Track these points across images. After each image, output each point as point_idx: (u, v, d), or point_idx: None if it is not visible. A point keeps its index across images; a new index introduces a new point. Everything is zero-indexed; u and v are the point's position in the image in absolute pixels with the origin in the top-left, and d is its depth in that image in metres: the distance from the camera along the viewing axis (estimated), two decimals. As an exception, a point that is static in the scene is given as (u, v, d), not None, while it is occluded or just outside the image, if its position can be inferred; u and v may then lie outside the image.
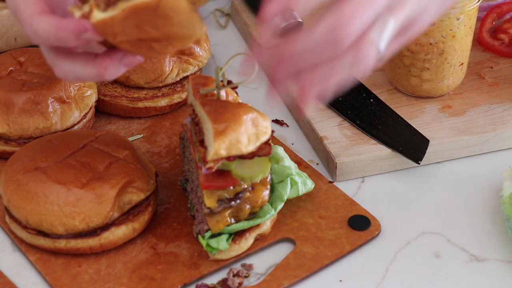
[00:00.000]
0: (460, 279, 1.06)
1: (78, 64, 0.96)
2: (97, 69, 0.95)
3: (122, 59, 0.95)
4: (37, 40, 0.96)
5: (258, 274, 1.06)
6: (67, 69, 0.97)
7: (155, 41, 0.91)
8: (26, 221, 1.06)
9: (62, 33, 0.92)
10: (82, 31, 0.91)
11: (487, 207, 1.15)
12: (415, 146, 1.20)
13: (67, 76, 0.98)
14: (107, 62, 0.95)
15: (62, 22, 0.93)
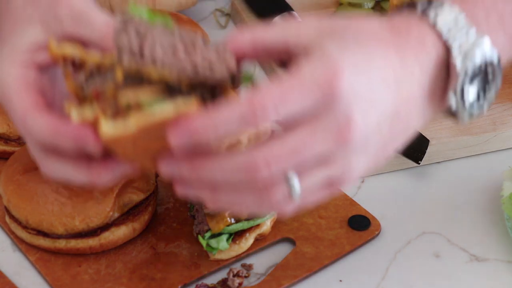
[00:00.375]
0: (460, 279, 1.06)
1: (70, 166, 0.87)
2: (90, 176, 0.87)
3: (117, 168, 0.87)
4: (28, 138, 0.88)
5: (258, 274, 1.06)
6: (56, 169, 0.89)
7: (159, 153, 0.84)
8: (26, 221, 1.07)
9: (59, 139, 0.84)
10: (82, 144, 0.84)
11: (487, 207, 1.15)
12: (415, 146, 1.20)
13: (53, 175, 0.90)
14: (102, 171, 0.87)
15: (61, 127, 0.84)
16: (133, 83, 0.83)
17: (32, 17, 0.93)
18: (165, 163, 0.82)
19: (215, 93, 0.84)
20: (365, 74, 0.80)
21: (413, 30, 0.84)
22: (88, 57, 0.87)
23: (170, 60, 0.82)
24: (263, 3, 1.45)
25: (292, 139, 0.79)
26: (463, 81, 0.84)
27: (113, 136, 0.81)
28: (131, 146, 0.83)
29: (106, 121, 0.82)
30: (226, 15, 1.52)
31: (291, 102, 0.78)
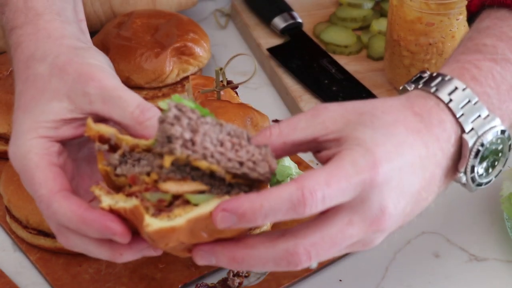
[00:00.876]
0: (460, 279, 1.06)
1: (92, 243, 0.86)
2: (112, 253, 0.86)
3: (142, 250, 0.86)
4: (52, 221, 0.87)
5: (258, 274, 1.07)
6: (76, 244, 0.87)
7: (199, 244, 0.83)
8: (27, 221, 1.07)
9: (84, 227, 0.83)
10: (108, 233, 0.82)
11: (487, 207, 1.15)
12: (415, 146, 1.20)
13: (73, 248, 0.88)
14: (125, 250, 0.85)
15: (88, 214, 0.83)
16: (176, 174, 0.82)
17: (58, 90, 0.90)
18: (200, 254, 0.82)
19: (252, 188, 0.85)
20: (397, 164, 0.84)
21: (434, 116, 0.88)
22: (123, 139, 0.86)
23: (219, 153, 0.82)
24: (263, 4, 1.45)
25: (332, 229, 0.82)
26: (473, 161, 0.89)
27: (158, 229, 0.80)
28: (175, 238, 0.81)
29: (148, 214, 0.81)
30: (226, 15, 1.52)
31: (336, 191, 0.80)
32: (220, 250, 0.82)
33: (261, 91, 1.36)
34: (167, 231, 0.80)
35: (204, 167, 0.81)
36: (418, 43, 1.23)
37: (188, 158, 0.80)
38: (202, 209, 0.80)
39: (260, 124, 1.03)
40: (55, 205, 0.85)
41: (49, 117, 0.89)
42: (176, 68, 1.29)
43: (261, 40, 1.41)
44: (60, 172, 0.88)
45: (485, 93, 0.89)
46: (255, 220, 0.79)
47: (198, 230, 0.81)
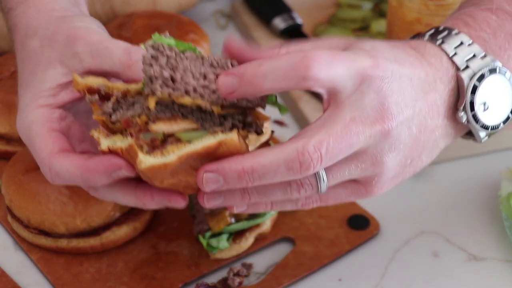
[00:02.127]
0: (459, 278, 1.06)
1: (117, 190, 0.88)
2: (136, 201, 0.88)
3: (163, 202, 0.87)
4: (58, 181, 0.88)
5: (258, 273, 1.07)
6: (104, 194, 0.89)
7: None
8: (28, 221, 1.07)
9: (90, 175, 0.85)
10: (115, 170, 0.84)
11: (486, 206, 1.16)
12: (414, 146, 1.20)
13: (103, 198, 0.90)
14: (147, 199, 0.87)
15: (90, 162, 0.85)
16: (166, 113, 0.83)
17: (50, 58, 0.92)
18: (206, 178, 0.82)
19: (246, 119, 0.86)
20: (397, 70, 0.84)
21: (430, 50, 0.88)
22: (113, 86, 0.87)
23: (202, 87, 0.82)
24: (263, 4, 1.45)
25: (336, 126, 0.81)
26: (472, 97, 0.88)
27: (152, 166, 0.81)
28: (170, 175, 0.83)
29: (142, 152, 0.82)
30: (226, 16, 1.52)
31: (334, 74, 0.81)
32: (227, 166, 0.81)
33: (261, 92, 1.36)
34: (160, 168, 0.81)
35: (189, 102, 0.82)
36: (417, 44, 1.23)
37: (171, 97, 0.81)
38: (194, 145, 0.81)
39: (260, 124, 1.03)
40: (56, 165, 0.87)
41: (46, 85, 0.91)
42: (177, 68, 1.29)
43: (261, 41, 1.41)
44: (60, 136, 0.90)
45: (480, 37, 0.90)
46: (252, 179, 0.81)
47: (193, 166, 0.82)
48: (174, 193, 0.86)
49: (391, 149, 0.85)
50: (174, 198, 0.87)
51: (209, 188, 0.82)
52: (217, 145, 0.81)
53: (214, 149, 0.82)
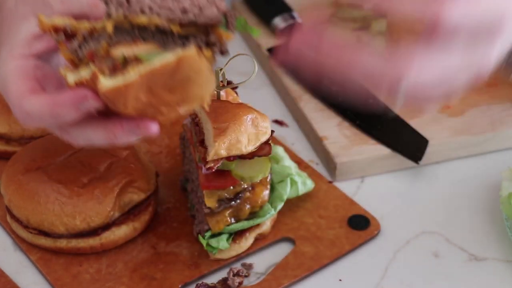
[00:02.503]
0: (459, 279, 1.06)
1: (88, 128, 0.88)
2: (107, 135, 0.87)
3: (134, 130, 0.86)
4: (29, 122, 0.89)
5: (258, 274, 1.07)
6: (76, 135, 0.90)
7: (164, 105, 0.83)
8: (27, 221, 1.07)
9: (59, 110, 0.85)
10: (82, 101, 0.84)
11: (486, 207, 1.16)
12: (415, 146, 1.20)
13: (76, 141, 0.90)
14: (118, 130, 0.87)
15: (58, 97, 0.85)
16: (126, 37, 0.85)
17: (24, 13, 0.95)
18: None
19: (209, 39, 0.85)
20: None
21: None
22: (79, 25, 0.89)
23: (158, 6, 0.84)
24: (263, 4, 1.45)
25: (443, 50, 0.82)
26: None
27: (116, 87, 0.81)
28: (134, 97, 0.82)
29: (104, 76, 0.83)
30: (226, 15, 1.52)
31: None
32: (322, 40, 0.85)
33: (261, 91, 1.36)
34: (121, 89, 0.81)
35: (146, 22, 0.83)
36: (417, 43, 1.23)
37: (127, 18, 0.83)
38: (154, 63, 0.80)
39: (261, 124, 1.03)
40: (26, 104, 0.88)
41: (21, 37, 0.94)
42: (176, 68, 1.29)
43: (261, 40, 1.41)
44: (31, 79, 0.90)
45: None
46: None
47: (156, 88, 0.81)
48: (143, 119, 0.85)
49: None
50: (144, 124, 0.85)
51: None
52: (176, 62, 0.79)
53: (174, 68, 0.80)
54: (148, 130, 0.86)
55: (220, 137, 1.00)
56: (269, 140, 1.05)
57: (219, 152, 1.00)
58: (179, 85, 0.81)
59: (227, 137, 1.01)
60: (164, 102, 0.83)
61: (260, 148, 1.04)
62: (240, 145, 1.02)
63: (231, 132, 1.01)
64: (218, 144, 1.00)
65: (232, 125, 1.01)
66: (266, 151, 1.04)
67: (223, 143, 1.00)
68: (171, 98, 0.82)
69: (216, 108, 1.03)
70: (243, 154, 1.02)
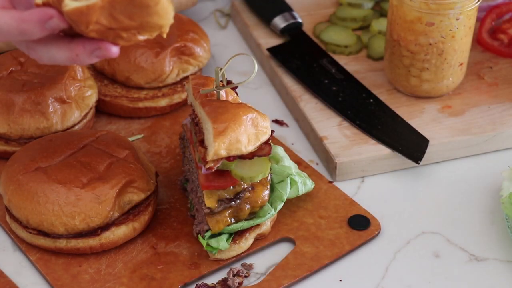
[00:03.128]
0: (460, 279, 1.06)
1: (53, 47, 0.94)
2: (70, 54, 0.94)
3: (95, 51, 0.93)
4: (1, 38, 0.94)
5: (258, 274, 1.07)
6: (42, 52, 0.95)
7: (124, 30, 0.90)
8: (27, 221, 1.07)
9: (25, 26, 0.91)
10: (47, 19, 0.90)
11: (487, 207, 1.15)
12: (415, 146, 1.20)
13: (41, 58, 0.96)
14: (80, 50, 0.93)
15: (25, 14, 0.91)
16: None
17: None
18: None
19: None
20: None
21: None
22: None
23: None
24: (263, 4, 1.45)
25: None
26: None
27: (78, 8, 0.88)
28: (95, 19, 0.88)
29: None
30: (226, 15, 1.52)
31: None
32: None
33: (261, 91, 1.36)
34: (83, 10, 0.88)
35: None
36: (418, 43, 1.23)
37: None
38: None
39: (260, 124, 1.03)
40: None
41: None
42: (176, 68, 1.29)
43: (261, 40, 1.41)
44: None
45: None
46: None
47: (117, 13, 0.88)
48: (104, 41, 0.92)
49: None
50: (104, 45, 0.92)
51: None
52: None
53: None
54: (108, 52, 0.93)
55: (220, 137, 1.00)
56: (269, 140, 1.05)
57: (219, 152, 1.00)
58: (138, 12, 0.89)
59: (227, 137, 1.01)
60: (124, 28, 0.90)
61: (260, 148, 1.04)
62: (240, 145, 1.01)
63: (231, 132, 1.01)
64: (218, 144, 1.00)
65: (232, 125, 1.01)
66: (266, 151, 1.04)
67: (223, 143, 1.00)
68: (130, 24, 0.89)
69: (216, 108, 1.03)
70: (243, 154, 1.02)
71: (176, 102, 1.30)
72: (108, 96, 1.28)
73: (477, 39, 1.40)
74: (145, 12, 0.89)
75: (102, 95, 1.28)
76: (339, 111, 1.26)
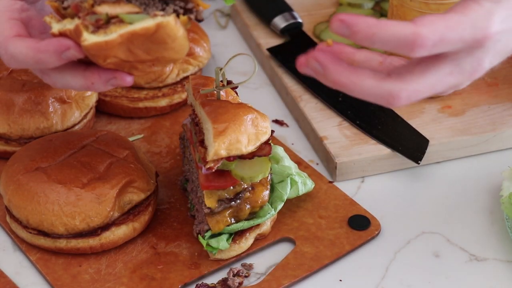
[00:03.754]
0: (460, 279, 1.06)
1: (68, 74, 0.95)
2: (85, 82, 0.95)
3: (110, 80, 0.94)
4: (13, 64, 0.95)
5: (258, 274, 1.07)
6: (56, 78, 0.96)
7: (140, 63, 0.92)
8: (27, 221, 1.07)
9: (42, 56, 0.92)
10: (64, 50, 0.91)
11: (487, 207, 1.15)
12: (415, 146, 1.20)
13: (55, 84, 0.97)
14: (95, 79, 0.94)
15: (42, 44, 0.92)
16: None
17: None
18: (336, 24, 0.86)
19: (187, 5, 0.93)
20: (509, 27, 0.90)
21: None
22: None
23: None
24: (263, 4, 1.45)
25: (433, 77, 0.89)
26: None
27: (97, 43, 0.89)
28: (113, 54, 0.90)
29: (87, 31, 0.90)
30: (226, 15, 1.52)
31: (447, 44, 0.87)
32: (361, 20, 0.86)
33: (261, 91, 1.36)
34: (102, 45, 0.89)
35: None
36: (418, 43, 1.23)
37: None
38: (134, 26, 0.89)
39: (260, 124, 1.03)
40: (11, 47, 0.93)
41: None
42: (176, 68, 1.29)
43: (261, 40, 1.41)
44: (18, 24, 0.96)
45: None
46: (362, 41, 0.86)
47: (134, 47, 0.90)
48: (119, 71, 0.94)
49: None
50: (120, 75, 0.94)
51: (338, 31, 0.87)
52: (155, 27, 0.88)
53: (153, 32, 0.89)
54: (123, 82, 0.94)
55: (220, 137, 1.00)
56: (269, 140, 1.05)
57: (219, 152, 1.00)
58: (155, 48, 0.91)
59: (227, 137, 1.01)
60: (140, 60, 0.92)
61: (260, 148, 1.04)
62: (240, 145, 1.01)
63: (231, 132, 1.01)
64: (218, 144, 1.00)
65: (232, 125, 1.01)
66: (266, 151, 1.04)
67: (223, 143, 1.00)
68: (146, 58, 0.91)
69: (216, 108, 1.03)
70: (243, 154, 1.02)
71: (176, 102, 1.30)
72: (108, 96, 1.28)
73: (477, 39, 1.40)
74: (162, 47, 0.91)
75: (102, 95, 1.28)
76: (339, 111, 1.26)
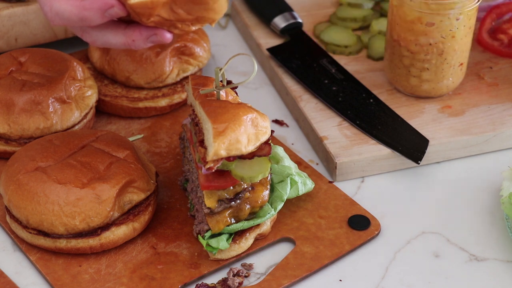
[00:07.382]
0: (460, 279, 1.06)
1: (109, 32, 0.99)
2: (125, 39, 0.99)
3: (151, 36, 0.98)
4: (57, 21, 0.98)
5: (258, 274, 1.07)
6: (97, 36, 1.00)
7: (180, 22, 0.97)
8: (27, 221, 1.07)
9: (86, 13, 0.95)
10: (108, 8, 0.95)
11: (487, 207, 1.15)
12: (415, 146, 1.20)
13: (95, 42, 1.00)
14: (136, 36, 0.98)
15: (86, 1, 0.95)
16: None
17: None
18: None
19: None
20: None
21: None
22: None
23: None
24: (263, 4, 1.45)
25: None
26: None
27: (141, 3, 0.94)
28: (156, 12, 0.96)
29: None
30: (226, 15, 1.52)
31: None
32: None
33: (261, 91, 1.36)
34: (148, 4, 0.95)
35: None
36: (418, 43, 1.23)
37: None
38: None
39: (260, 124, 1.03)
40: (56, 4, 0.97)
41: None
42: (176, 68, 1.29)
43: (261, 40, 1.41)
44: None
45: None
46: None
47: (177, 7, 0.95)
48: (159, 29, 0.99)
49: None
50: (160, 32, 0.99)
51: None
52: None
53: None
54: (164, 38, 0.99)
55: (220, 137, 1.00)
56: (269, 140, 1.05)
57: (219, 152, 1.00)
58: (196, 8, 0.97)
59: (227, 137, 1.01)
60: (180, 20, 0.97)
61: (260, 148, 1.04)
62: (240, 145, 1.01)
63: (231, 132, 1.01)
64: (217, 144, 1.00)
65: (232, 125, 1.01)
66: (266, 151, 1.04)
67: (222, 143, 1.00)
68: (187, 17, 0.97)
69: (216, 108, 1.03)
70: (243, 154, 1.02)
71: (176, 102, 1.30)
72: (108, 96, 1.28)
73: (477, 39, 1.40)
74: (203, 8, 0.97)
75: (102, 95, 1.28)
76: (339, 111, 1.26)
